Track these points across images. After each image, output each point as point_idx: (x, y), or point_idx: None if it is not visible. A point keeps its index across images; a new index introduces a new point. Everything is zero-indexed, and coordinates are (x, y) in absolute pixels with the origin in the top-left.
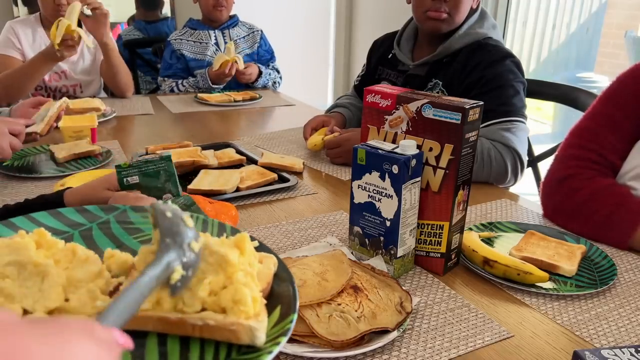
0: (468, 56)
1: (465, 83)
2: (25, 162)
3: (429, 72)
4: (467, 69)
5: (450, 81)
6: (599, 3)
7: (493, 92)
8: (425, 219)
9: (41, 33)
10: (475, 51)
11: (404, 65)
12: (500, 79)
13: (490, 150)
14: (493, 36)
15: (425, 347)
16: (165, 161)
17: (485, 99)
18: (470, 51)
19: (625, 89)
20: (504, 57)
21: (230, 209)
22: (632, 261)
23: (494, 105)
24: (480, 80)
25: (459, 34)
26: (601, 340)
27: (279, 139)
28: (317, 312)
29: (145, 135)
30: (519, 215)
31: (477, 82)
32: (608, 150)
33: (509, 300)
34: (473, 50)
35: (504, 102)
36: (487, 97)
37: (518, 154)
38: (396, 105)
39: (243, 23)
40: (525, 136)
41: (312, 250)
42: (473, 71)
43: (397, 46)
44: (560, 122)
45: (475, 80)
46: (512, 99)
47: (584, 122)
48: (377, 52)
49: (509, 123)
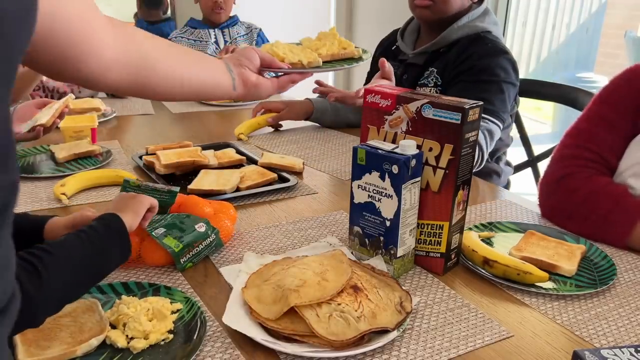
0: (466, 46)
1: (456, 71)
2: (25, 162)
3: (427, 61)
4: (461, 58)
5: (445, 68)
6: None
7: (479, 85)
8: (425, 219)
9: None
10: (473, 42)
11: (404, 54)
12: (490, 73)
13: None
14: (493, 31)
15: (425, 347)
16: (170, 196)
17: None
18: (468, 42)
19: (618, 90)
20: (499, 51)
21: (228, 208)
22: (631, 261)
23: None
24: (471, 70)
25: (457, 25)
26: (601, 340)
27: (279, 139)
28: (317, 312)
29: (145, 135)
30: (519, 215)
31: (467, 71)
32: (604, 149)
33: (509, 300)
34: (471, 41)
35: (486, 98)
36: (472, 87)
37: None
38: (396, 105)
39: (242, 22)
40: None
41: (312, 250)
42: (466, 60)
43: (401, 38)
44: (560, 122)
45: (466, 68)
46: (494, 97)
47: (579, 123)
48: (382, 46)
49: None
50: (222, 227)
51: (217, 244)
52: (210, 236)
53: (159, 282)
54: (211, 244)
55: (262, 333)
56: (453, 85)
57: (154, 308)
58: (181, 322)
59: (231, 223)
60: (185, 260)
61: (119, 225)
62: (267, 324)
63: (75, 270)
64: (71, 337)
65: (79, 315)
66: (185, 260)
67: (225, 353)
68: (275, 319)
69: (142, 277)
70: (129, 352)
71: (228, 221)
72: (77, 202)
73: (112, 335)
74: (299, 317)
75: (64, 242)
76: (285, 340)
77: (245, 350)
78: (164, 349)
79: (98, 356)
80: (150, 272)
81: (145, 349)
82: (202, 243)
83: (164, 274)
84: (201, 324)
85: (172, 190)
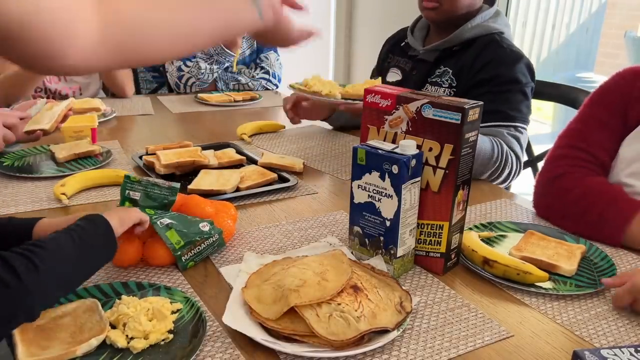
0: (482, 49)
1: (478, 78)
2: (25, 162)
3: (438, 59)
4: (479, 62)
5: (461, 70)
6: (599, 3)
7: (505, 94)
8: (425, 219)
9: None
10: (489, 45)
11: (414, 50)
12: (514, 82)
13: (509, 153)
14: (506, 33)
15: (425, 347)
16: (171, 192)
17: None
18: (484, 44)
19: (609, 91)
20: (517, 58)
21: (229, 208)
22: (631, 261)
23: (504, 107)
24: (494, 79)
25: (471, 24)
26: (601, 340)
27: (279, 139)
28: (317, 312)
29: (145, 135)
30: (519, 215)
31: (490, 80)
32: (597, 148)
33: (509, 300)
34: (487, 43)
35: (514, 107)
36: (497, 97)
37: (520, 160)
38: (396, 105)
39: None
40: (525, 143)
41: (312, 250)
42: (486, 67)
43: (411, 34)
44: (560, 122)
45: (489, 78)
46: (521, 104)
47: (572, 124)
48: (389, 44)
49: (515, 129)
50: (224, 226)
51: (220, 243)
52: (213, 236)
53: (159, 282)
54: (214, 244)
55: (262, 333)
56: (477, 95)
57: (154, 308)
58: (181, 322)
59: (233, 223)
60: (187, 259)
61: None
62: (267, 323)
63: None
64: (71, 337)
65: (79, 315)
66: (187, 258)
67: (225, 353)
68: (275, 319)
69: (142, 277)
70: (129, 352)
71: (230, 221)
72: (77, 202)
73: (112, 335)
74: (299, 317)
75: (56, 238)
76: (285, 340)
77: (245, 350)
78: (164, 349)
79: (98, 356)
80: (150, 272)
81: (145, 349)
82: (205, 242)
83: (164, 274)
84: (201, 324)
85: (173, 187)
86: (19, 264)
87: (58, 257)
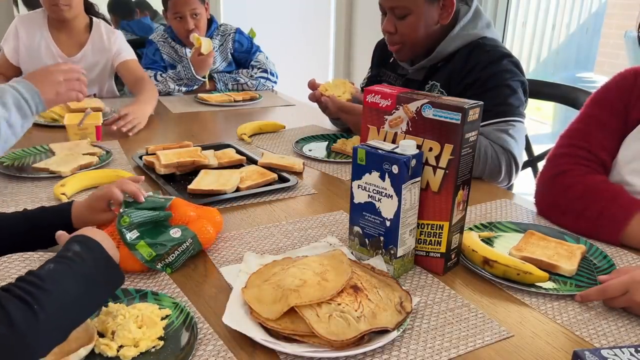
0: (466, 57)
1: (463, 84)
2: (25, 162)
3: (426, 76)
4: (465, 69)
5: (449, 81)
6: (599, 3)
7: (489, 93)
8: (425, 219)
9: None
10: (473, 52)
11: (403, 69)
12: (496, 78)
13: (487, 147)
14: (488, 35)
15: (425, 347)
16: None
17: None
18: (468, 52)
19: (610, 92)
20: (500, 57)
21: (214, 215)
22: (631, 261)
23: (490, 105)
24: (477, 82)
25: (450, 36)
26: (601, 340)
27: (279, 139)
28: (317, 312)
29: (145, 135)
30: (519, 215)
31: (473, 84)
32: (598, 148)
33: (509, 300)
34: (470, 51)
35: (500, 101)
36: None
37: (513, 156)
38: (396, 105)
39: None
40: (522, 136)
41: (312, 250)
42: (471, 72)
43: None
44: (560, 122)
45: (472, 81)
46: (509, 98)
47: (574, 125)
48: (379, 55)
49: (505, 124)
50: (201, 230)
51: (195, 247)
52: (186, 241)
53: (145, 288)
54: (188, 249)
55: (262, 333)
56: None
57: (143, 315)
58: (171, 328)
59: (214, 228)
60: (163, 266)
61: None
62: (267, 324)
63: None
64: (59, 348)
65: None
66: (162, 265)
67: (218, 357)
68: (275, 319)
69: (127, 283)
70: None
71: (210, 227)
72: None
73: (100, 344)
74: (299, 317)
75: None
76: (285, 340)
77: (245, 350)
78: (154, 357)
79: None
80: (135, 277)
81: (136, 357)
82: (178, 249)
83: (149, 279)
84: (192, 329)
85: (168, 198)
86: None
87: (61, 301)
